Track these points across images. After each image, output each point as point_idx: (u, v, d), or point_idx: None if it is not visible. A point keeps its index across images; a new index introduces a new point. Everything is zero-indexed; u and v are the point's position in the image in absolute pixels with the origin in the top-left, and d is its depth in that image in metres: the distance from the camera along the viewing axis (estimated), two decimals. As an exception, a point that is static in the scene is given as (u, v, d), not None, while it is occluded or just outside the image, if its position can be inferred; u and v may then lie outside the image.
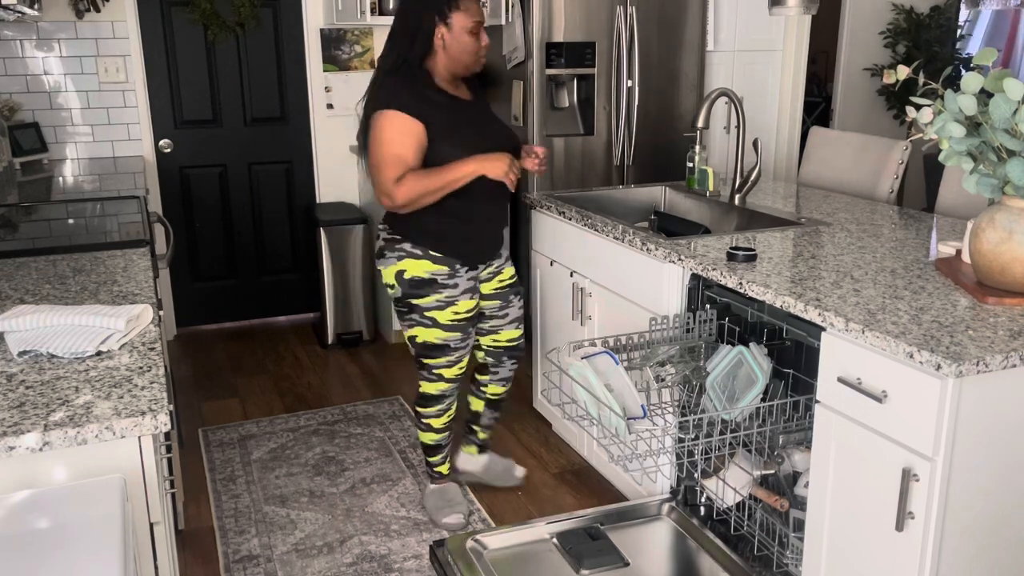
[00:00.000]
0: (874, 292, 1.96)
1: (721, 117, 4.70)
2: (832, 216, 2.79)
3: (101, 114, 4.28)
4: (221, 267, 4.73)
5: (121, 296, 1.96)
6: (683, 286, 2.42)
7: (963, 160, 1.87)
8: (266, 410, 3.70)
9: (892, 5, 5.79)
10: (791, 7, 2.94)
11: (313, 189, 4.78)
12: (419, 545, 2.70)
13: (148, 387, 1.45)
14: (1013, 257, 1.83)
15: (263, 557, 2.65)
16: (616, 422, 2.02)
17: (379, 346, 4.47)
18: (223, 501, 2.97)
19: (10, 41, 4.06)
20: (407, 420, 3.57)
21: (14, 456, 1.29)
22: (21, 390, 1.45)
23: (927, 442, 1.64)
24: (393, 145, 2.46)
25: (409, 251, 2.59)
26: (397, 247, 2.60)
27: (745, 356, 2.13)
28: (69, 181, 3.67)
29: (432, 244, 2.58)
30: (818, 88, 7.17)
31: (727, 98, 2.87)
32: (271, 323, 4.89)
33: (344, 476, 3.12)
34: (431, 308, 2.62)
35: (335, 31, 4.61)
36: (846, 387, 1.82)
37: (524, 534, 2.38)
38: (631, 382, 2.15)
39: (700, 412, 2.30)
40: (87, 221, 2.86)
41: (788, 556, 2.21)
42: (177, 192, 4.54)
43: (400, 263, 2.60)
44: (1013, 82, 1.70)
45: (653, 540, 2.41)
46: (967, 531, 1.71)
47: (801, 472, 2.21)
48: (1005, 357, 1.60)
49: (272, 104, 4.63)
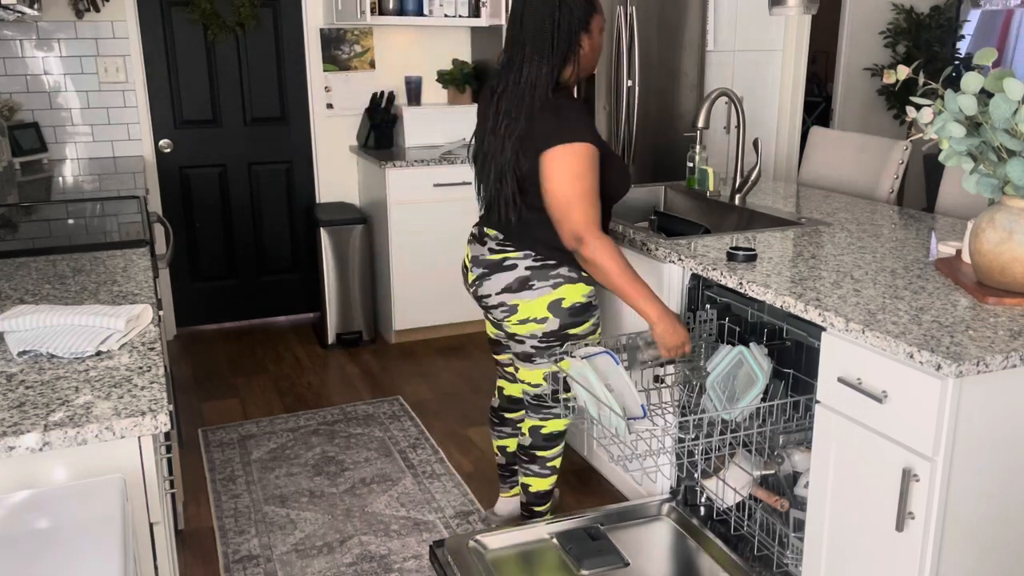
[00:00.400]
0: (874, 292, 1.96)
1: (721, 117, 4.70)
2: (832, 216, 2.79)
3: (101, 114, 4.28)
4: (221, 267, 4.73)
5: (121, 296, 1.96)
6: (683, 286, 2.42)
7: (963, 160, 1.87)
8: (266, 410, 3.70)
9: (892, 5, 5.79)
10: (791, 7, 2.95)
11: (313, 189, 4.78)
12: (419, 545, 2.70)
13: (148, 387, 1.45)
14: (1013, 257, 1.83)
15: (263, 557, 2.65)
16: (616, 422, 2.02)
17: (379, 346, 4.47)
18: (223, 501, 2.97)
19: (10, 41, 4.06)
20: (407, 420, 3.57)
21: (14, 456, 1.29)
22: (21, 390, 1.45)
23: (927, 442, 1.64)
24: (583, 182, 2.20)
25: (567, 275, 2.32)
26: (552, 273, 2.31)
27: (745, 356, 2.13)
28: (69, 181, 3.67)
29: (575, 261, 2.33)
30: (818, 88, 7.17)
31: (727, 98, 2.87)
32: (271, 323, 4.89)
33: (344, 476, 3.12)
34: (587, 335, 2.38)
35: (335, 31, 4.61)
36: (846, 387, 1.82)
37: (524, 534, 2.38)
38: (631, 382, 2.15)
39: (700, 412, 2.30)
40: (87, 221, 2.86)
41: (788, 556, 2.21)
42: (177, 192, 4.54)
43: (557, 291, 2.31)
44: (1013, 82, 1.70)
45: (653, 540, 2.41)
46: (967, 531, 1.71)
47: (801, 472, 2.21)
48: (1005, 357, 1.60)
49: (272, 104, 4.63)
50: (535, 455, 2.54)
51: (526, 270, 2.32)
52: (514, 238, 2.34)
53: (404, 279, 4.33)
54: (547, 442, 2.54)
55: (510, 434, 2.74)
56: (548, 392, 2.45)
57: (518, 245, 2.34)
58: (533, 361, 2.41)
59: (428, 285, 4.37)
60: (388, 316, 4.44)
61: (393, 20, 4.35)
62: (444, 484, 3.06)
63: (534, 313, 2.32)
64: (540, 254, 2.32)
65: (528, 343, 2.38)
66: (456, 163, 4.25)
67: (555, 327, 2.34)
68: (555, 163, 2.20)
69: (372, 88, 4.69)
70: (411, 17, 4.37)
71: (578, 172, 2.19)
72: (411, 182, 4.22)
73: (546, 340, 2.36)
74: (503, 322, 2.39)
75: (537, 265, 2.32)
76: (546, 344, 2.37)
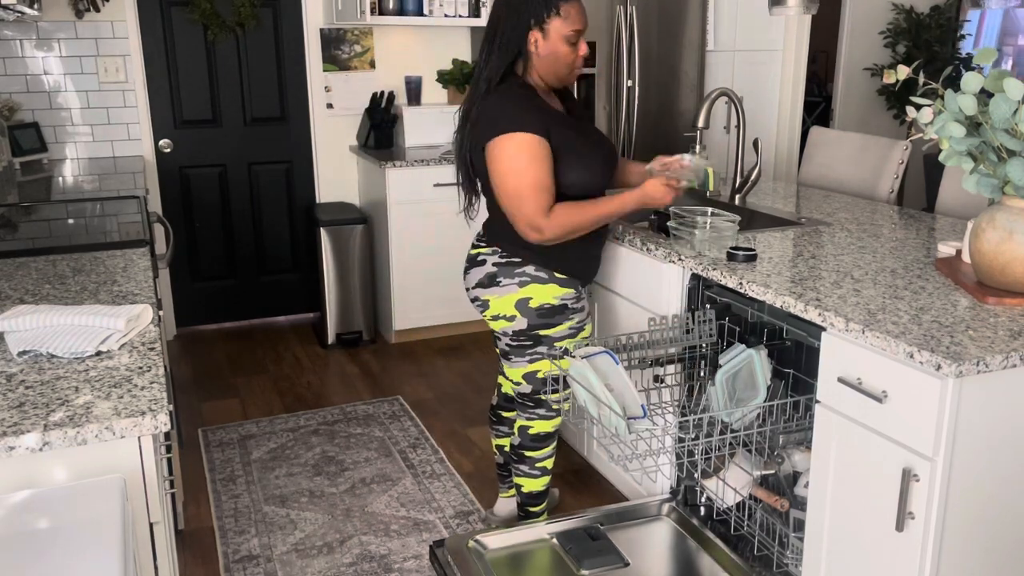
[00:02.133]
0: (874, 292, 1.96)
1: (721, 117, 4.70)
2: (832, 216, 2.79)
3: (101, 114, 4.28)
4: (221, 267, 4.73)
5: (121, 296, 1.96)
6: (683, 286, 2.42)
7: (963, 160, 1.87)
8: (266, 410, 3.70)
9: (892, 5, 5.79)
10: (791, 7, 2.95)
11: (313, 189, 4.78)
12: (419, 545, 2.70)
13: (148, 387, 1.45)
14: (1013, 257, 1.83)
15: (263, 557, 2.65)
16: (616, 422, 2.02)
17: (379, 346, 4.47)
18: (223, 501, 2.97)
19: (10, 41, 4.06)
20: (407, 420, 3.57)
21: (14, 456, 1.29)
22: (21, 390, 1.45)
23: (927, 442, 1.64)
24: (529, 173, 2.18)
25: (534, 275, 2.32)
26: (518, 271, 2.32)
27: (754, 361, 2.13)
28: (69, 181, 3.67)
29: (556, 265, 2.33)
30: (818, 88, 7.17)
31: (727, 98, 2.87)
32: (271, 323, 4.89)
33: (344, 476, 3.12)
34: (563, 337, 2.37)
35: (335, 31, 4.61)
36: (846, 387, 1.82)
37: (524, 534, 2.38)
38: (631, 382, 2.15)
39: (700, 412, 2.30)
40: (87, 221, 2.86)
41: (788, 556, 2.21)
42: (177, 192, 4.54)
43: (523, 290, 2.32)
44: (1013, 82, 1.70)
45: (653, 540, 2.41)
46: (967, 531, 1.71)
47: (801, 472, 2.21)
48: (1005, 357, 1.60)
49: (272, 104, 4.63)
50: (524, 455, 2.54)
51: (493, 266, 2.35)
52: (488, 234, 2.39)
53: (404, 279, 4.33)
54: (535, 443, 2.52)
55: (507, 433, 2.75)
56: (528, 391, 2.46)
57: (488, 241, 2.38)
58: (510, 359, 2.43)
59: (428, 285, 4.37)
60: (388, 316, 4.44)
61: (393, 20, 4.34)
62: (444, 484, 3.06)
63: (503, 310, 2.35)
64: (505, 251, 2.34)
65: (503, 340, 2.41)
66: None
67: (523, 327, 2.35)
68: (498, 155, 2.21)
69: (372, 88, 4.69)
70: (411, 17, 4.37)
71: (522, 164, 2.19)
72: (411, 182, 4.22)
73: (517, 339, 2.37)
74: (483, 316, 2.44)
75: (503, 262, 2.34)
76: (518, 343, 2.38)
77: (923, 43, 5.77)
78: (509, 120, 2.20)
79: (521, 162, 2.19)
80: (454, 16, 4.43)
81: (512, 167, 2.20)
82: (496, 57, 2.26)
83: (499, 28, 2.27)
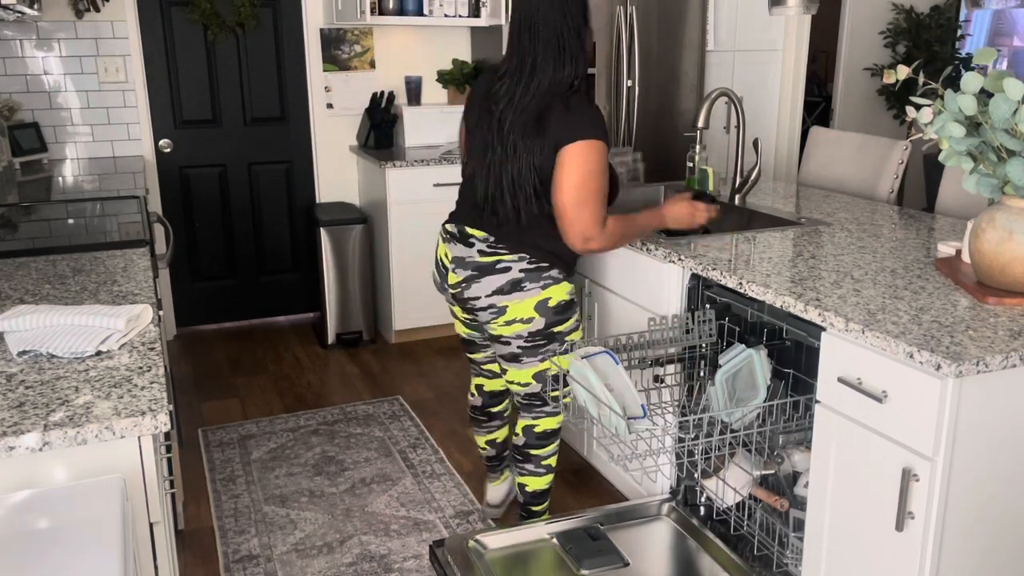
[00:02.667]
0: (874, 292, 1.96)
1: (721, 117, 4.70)
2: (832, 216, 2.79)
3: (101, 114, 4.28)
4: (221, 267, 4.73)
5: (121, 296, 1.96)
6: (683, 286, 2.42)
7: (963, 160, 1.87)
8: (266, 410, 3.70)
9: (892, 5, 5.79)
10: (791, 7, 2.95)
11: (313, 189, 4.78)
12: (419, 545, 2.70)
13: (148, 387, 1.45)
14: (1013, 257, 1.83)
15: (263, 557, 2.65)
16: (616, 422, 2.02)
17: (379, 346, 4.47)
18: (223, 501, 2.97)
19: (10, 41, 4.06)
20: (407, 420, 3.57)
21: (14, 456, 1.29)
22: (21, 390, 1.45)
23: (927, 442, 1.64)
24: (600, 182, 2.22)
25: (555, 277, 2.36)
26: (544, 275, 2.34)
27: (754, 362, 2.13)
28: (69, 181, 3.67)
29: (563, 263, 2.38)
30: (818, 88, 7.17)
31: (727, 98, 2.87)
32: (271, 323, 4.89)
33: (344, 476, 3.12)
34: (572, 331, 2.42)
35: (335, 31, 4.61)
36: (846, 387, 1.82)
37: (524, 534, 2.38)
38: (631, 382, 2.15)
39: (700, 412, 2.30)
40: (87, 221, 2.86)
41: (788, 556, 2.21)
42: (177, 192, 4.54)
43: (545, 291, 2.34)
44: (1013, 82, 1.70)
45: (653, 540, 2.41)
46: (967, 531, 1.71)
47: (801, 472, 2.21)
48: (1005, 357, 1.60)
49: (272, 104, 4.63)
50: (529, 454, 2.55)
51: (520, 272, 2.33)
52: (508, 241, 2.33)
53: (404, 279, 4.33)
54: (540, 440, 2.54)
55: (499, 425, 2.78)
56: (538, 390, 2.47)
57: (512, 248, 2.33)
58: (520, 361, 2.42)
59: (428, 285, 4.36)
60: (388, 316, 4.44)
61: (393, 20, 4.34)
62: (444, 484, 3.06)
63: (521, 314, 2.34)
64: (535, 257, 2.33)
65: (514, 344, 2.39)
66: (456, 163, 4.25)
67: (541, 326, 2.36)
68: (575, 159, 2.21)
69: (372, 88, 4.69)
70: (411, 17, 4.37)
71: (596, 169, 2.22)
72: (411, 182, 4.22)
73: (532, 339, 2.38)
74: (488, 324, 2.40)
75: (531, 268, 2.33)
76: (532, 343, 2.39)
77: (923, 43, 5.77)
78: (595, 126, 2.22)
79: (596, 167, 2.22)
80: (454, 16, 4.43)
81: (590, 171, 2.21)
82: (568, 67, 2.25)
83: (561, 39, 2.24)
